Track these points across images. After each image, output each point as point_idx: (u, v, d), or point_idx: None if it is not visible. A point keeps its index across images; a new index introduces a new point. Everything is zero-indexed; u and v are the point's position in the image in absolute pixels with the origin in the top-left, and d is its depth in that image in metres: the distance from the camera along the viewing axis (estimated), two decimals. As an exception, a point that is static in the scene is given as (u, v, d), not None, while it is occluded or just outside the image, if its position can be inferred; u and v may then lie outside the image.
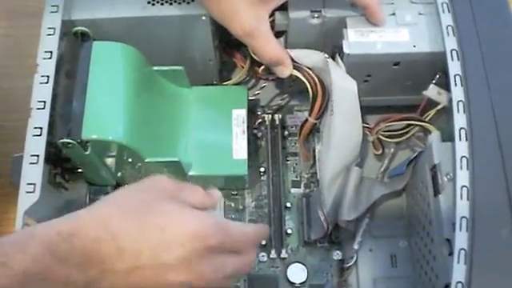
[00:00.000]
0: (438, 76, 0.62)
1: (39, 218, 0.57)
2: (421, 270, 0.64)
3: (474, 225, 0.52)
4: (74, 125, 0.57)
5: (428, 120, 0.64)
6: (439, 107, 0.63)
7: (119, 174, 0.68)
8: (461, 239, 0.52)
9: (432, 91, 0.63)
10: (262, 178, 0.73)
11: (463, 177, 0.53)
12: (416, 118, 0.65)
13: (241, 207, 0.72)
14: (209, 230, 0.46)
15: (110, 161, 0.64)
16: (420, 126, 0.65)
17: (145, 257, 0.44)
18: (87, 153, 0.59)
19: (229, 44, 0.71)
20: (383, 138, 0.68)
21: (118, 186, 0.70)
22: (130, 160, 0.63)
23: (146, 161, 0.61)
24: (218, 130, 0.68)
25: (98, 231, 0.44)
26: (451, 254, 0.55)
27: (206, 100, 0.69)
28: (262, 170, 0.73)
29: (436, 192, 0.59)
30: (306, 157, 0.71)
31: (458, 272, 0.50)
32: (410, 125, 0.66)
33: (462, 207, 0.52)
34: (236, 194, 0.72)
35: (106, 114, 0.59)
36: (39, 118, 0.57)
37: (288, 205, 0.71)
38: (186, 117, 0.68)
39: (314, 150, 0.71)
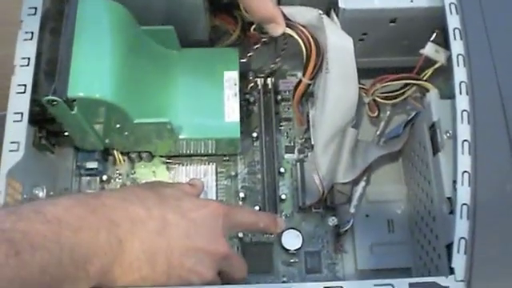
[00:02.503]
0: (435, 34, 0.61)
1: (24, 180, 0.54)
2: (419, 234, 0.63)
3: (476, 179, 0.50)
4: (60, 82, 0.55)
5: (425, 79, 0.62)
6: (437, 66, 0.61)
7: (107, 140, 0.65)
8: (463, 194, 0.50)
9: (430, 49, 0.61)
10: (255, 143, 0.71)
11: (464, 131, 0.52)
12: (413, 77, 0.63)
13: (233, 173, 0.70)
14: (215, 202, 0.53)
15: (99, 121, 0.62)
16: (417, 85, 0.63)
17: (172, 218, 0.48)
18: (73, 112, 0.56)
19: (219, 8, 0.69)
20: (379, 100, 0.66)
21: (105, 151, 0.68)
22: (118, 126, 0.61)
23: (135, 122, 0.59)
24: (209, 93, 0.65)
25: (124, 193, 0.48)
26: (452, 212, 0.53)
27: (196, 62, 0.67)
28: (255, 135, 0.71)
29: (435, 150, 0.57)
30: (299, 121, 0.69)
31: (461, 228, 0.49)
32: (406, 85, 0.64)
33: (464, 162, 0.51)
34: (228, 160, 0.70)
35: (92, 72, 0.56)
36: (23, 75, 0.55)
37: (282, 170, 0.69)
38: (176, 79, 0.65)
39: (307, 115, 0.69)
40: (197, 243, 0.48)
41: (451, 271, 0.48)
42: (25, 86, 0.54)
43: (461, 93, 0.53)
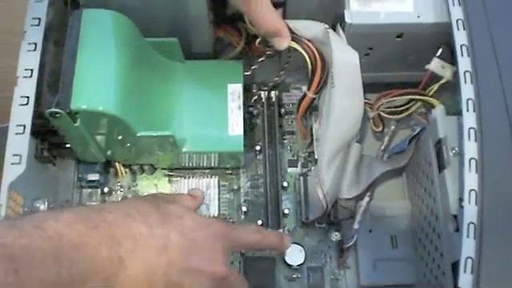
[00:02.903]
0: (441, 49, 0.60)
1: (25, 192, 0.54)
2: (423, 251, 0.62)
3: (483, 198, 0.49)
4: (63, 94, 0.54)
5: (431, 95, 0.62)
6: (443, 81, 0.61)
7: (109, 152, 0.65)
8: (469, 213, 0.49)
9: (435, 65, 0.61)
10: (258, 157, 0.70)
11: (471, 149, 0.51)
12: (418, 93, 0.62)
13: (236, 187, 0.69)
14: (217, 222, 0.51)
15: (99, 138, 0.61)
16: (423, 100, 0.62)
17: (174, 236, 0.47)
18: (76, 124, 0.56)
19: (224, 20, 0.69)
20: (384, 115, 0.66)
21: (107, 163, 0.67)
22: (120, 137, 0.60)
23: (138, 135, 0.58)
24: (212, 106, 0.65)
25: (127, 208, 0.47)
26: (458, 230, 0.53)
27: (200, 74, 0.66)
28: (258, 148, 0.70)
29: (441, 167, 0.57)
30: (303, 135, 0.69)
31: (468, 247, 0.48)
32: (411, 100, 0.64)
33: (471, 180, 0.50)
34: (231, 174, 0.70)
35: (96, 84, 0.55)
36: (26, 87, 0.54)
37: (285, 184, 0.69)
38: (180, 91, 0.65)
39: (311, 129, 0.69)
40: (196, 264, 0.47)
41: (457, 290, 0.48)
42: (27, 97, 0.54)
43: (468, 110, 0.53)
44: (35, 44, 0.56)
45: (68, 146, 0.62)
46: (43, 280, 0.39)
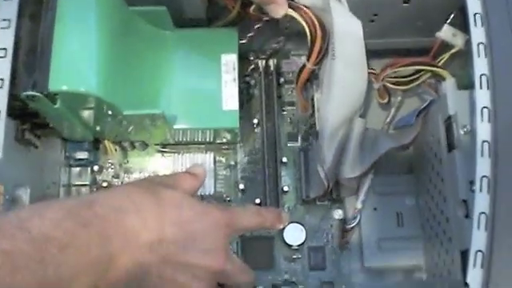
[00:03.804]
0: (453, 15, 0.56)
1: (5, 181, 0.50)
2: (431, 231, 0.59)
3: (496, 186, 0.46)
4: (40, 75, 0.50)
5: (441, 65, 0.57)
6: (454, 50, 0.57)
7: (98, 128, 0.61)
8: (481, 202, 0.46)
9: (446, 32, 0.56)
10: (256, 130, 0.67)
11: (484, 130, 0.47)
12: (427, 63, 0.58)
13: (232, 163, 0.66)
14: (217, 210, 0.47)
15: (86, 114, 0.57)
16: (432, 71, 0.58)
17: (170, 230, 0.44)
18: (56, 106, 0.52)
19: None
20: (390, 85, 0.62)
21: (96, 140, 0.64)
22: (106, 116, 0.56)
23: (125, 114, 0.55)
24: (205, 78, 0.60)
25: (121, 201, 0.43)
26: (468, 216, 0.49)
27: (191, 44, 0.61)
28: (256, 121, 0.66)
29: (450, 147, 0.53)
30: (303, 106, 0.65)
31: (478, 239, 0.45)
32: (420, 70, 0.59)
33: (483, 165, 0.46)
34: (227, 149, 0.66)
35: (76, 62, 0.51)
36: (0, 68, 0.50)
37: (284, 160, 0.65)
38: (169, 63, 0.60)
39: (312, 99, 0.64)
40: (193, 258, 0.45)
41: (465, 285, 0.44)
42: (2, 80, 0.50)
43: (481, 87, 0.48)
44: (9, 20, 0.51)
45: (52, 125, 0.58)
46: (25, 284, 0.36)
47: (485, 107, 0.47)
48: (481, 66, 0.49)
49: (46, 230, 0.38)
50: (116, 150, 0.65)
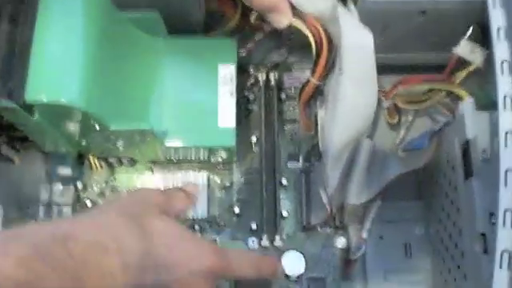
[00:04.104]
0: (471, 29, 0.51)
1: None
2: (442, 265, 0.54)
3: (521, 220, 0.41)
4: (17, 83, 0.46)
5: (457, 83, 0.53)
6: (471, 68, 0.52)
7: (83, 143, 0.56)
8: (504, 238, 0.41)
9: (464, 48, 0.52)
10: (254, 149, 0.62)
11: (508, 158, 0.42)
12: (442, 81, 0.53)
13: (228, 184, 0.61)
14: (210, 252, 0.42)
15: (70, 127, 0.52)
16: (447, 90, 0.53)
17: (149, 276, 0.39)
18: (34, 119, 0.47)
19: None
20: (400, 105, 0.57)
21: (80, 155, 0.59)
22: (92, 132, 0.52)
23: (112, 130, 0.50)
24: (200, 91, 0.56)
25: (101, 235, 0.38)
26: (486, 251, 0.44)
27: (186, 53, 0.56)
28: (254, 139, 0.61)
29: (467, 174, 0.48)
30: (306, 125, 0.60)
31: (500, 281, 0.40)
32: (434, 89, 0.54)
33: (507, 197, 0.41)
34: (222, 168, 0.61)
35: (58, 70, 0.47)
36: (-28, 75, 0.45)
37: (284, 182, 0.60)
38: (161, 73, 0.55)
39: (316, 117, 0.60)
40: None
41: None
42: (-26, 88, 0.45)
43: (505, 108, 0.43)
44: (-16, 22, 0.46)
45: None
46: None
47: (509, 132, 0.43)
48: (505, 85, 0.44)
49: (8, 272, 0.33)
50: (102, 166, 0.60)
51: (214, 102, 0.55)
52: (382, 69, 0.53)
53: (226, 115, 0.55)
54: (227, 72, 0.56)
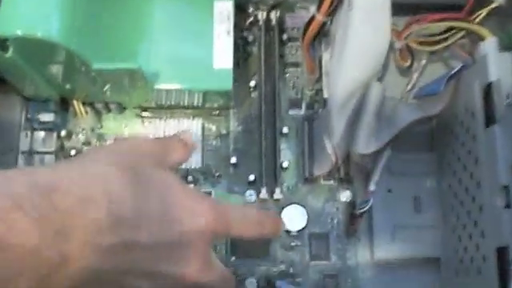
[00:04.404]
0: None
1: None
2: (456, 221, 0.50)
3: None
4: (-14, 15, 0.41)
5: (477, 22, 0.48)
6: (493, 5, 0.48)
7: (67, 86, 0.51)
8: (531, 190, 0.36)
9: (485, -17, 0.46)
10: (252, 94, 0.57)
11: (537, 101, 0.38)
12: (461, 19, 0.49)
13: (224, 132, 0.56)
14: (209, 211, 0.37)
15: (51, 67, 0.48)
16: (466, 29, 0.49)
17: (142, 233, 0.34)
18: (8, 55, 0.42)
19: None
20: (414, 46, 0.52)
21: (63, 101, 0.54)
22: (72, 70, 0.47)
23: (94, 68, 0.45)
24: (193, 29, 0.51)
25: (92, 189, 0.33)
26: (509, 206, 0.40)
27: (178, -12, 0.51)
28: (253, 84, 0.56)
29: (489, 120, 0.44)
30: (310, 67, 0.55)
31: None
32: (451, 28, 0.50)
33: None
34: (218, 115, 0.56)
35: (34, 1, 0.42)
36: None
37: (285, 130, 0.55)
38: (152, 10, 0.51)
39: (320, 61, 0.55)
40: (163, 267, 0.35)
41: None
42: None
43: (533, 47, 0.39)
44: None
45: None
46: None
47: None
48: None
49: None
50: (87, 112, 0.55)
51: (209, 42, 0.50)
52: (395, 9, 0.48)
53: (222, 56, 0.50)
54: (224, 9, 0.51)
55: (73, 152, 0.55)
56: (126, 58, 0.48)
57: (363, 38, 0.46)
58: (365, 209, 0.51)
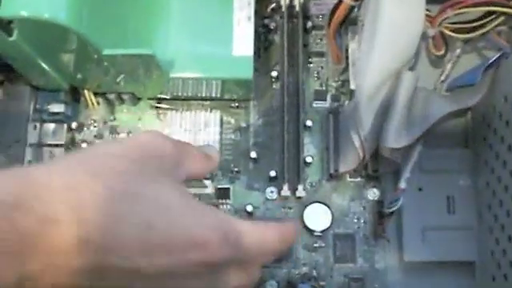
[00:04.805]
0: None
1: None
2: (493, 222, 0.46)
3: None
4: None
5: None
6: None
7: (79, 75, 0.48)
8: None
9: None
10: (274, 85, 0.54)
11: None
12: (501, 3, 0.45)
13: (243, 125, 0.53)
14: (213, 240, 0.32)
15: (53, 57, 0.45)
16: (506, 14, 0.45)
17: (112, 257, 0.29)
18: (12, 38, 0.39)
19: None
20: (448, 33, 0.48)
21: (74, 91, 0.52)
22: (82, 56, 0.44)
23: (105, 54, 0.42)
24: (212, 15, 0.48)
25: (57, 205, 0.28)
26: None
27: (196, -29, 0.48)
28: (275, 74, 0.53)
29: (533, 113, 0.39)
30: (336, 57, 0.52)
31: None
32: (490, 13, 0.46)
33: None
34: (237, 107, 0.53)
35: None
36: None
37: (308, 123, 0.52)
38: (168, -5, 0.48)
39: (347, 50, 0.51)
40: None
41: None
42: None
43: None
44: None
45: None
46: None
47: None
48: None
49: None
50: (98, 103, 0.52)
51: (228, 28, 0.47)
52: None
53: (243, 42, 0.47)
54: (245, -6, 0.48)
55: (84, 145, 0.52)
56: (140, 45, 0.45)
57: (395, 21, 0.43)
58: (394, 208, 0.48)
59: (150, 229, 0.30)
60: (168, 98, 0.52)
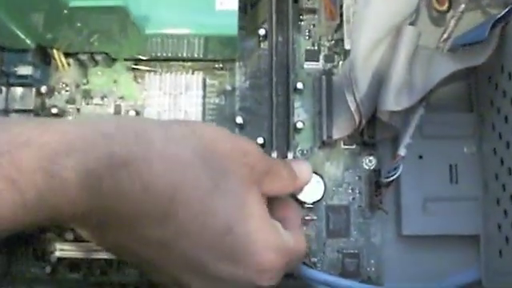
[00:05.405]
0: None
1: None
2: (500, 193, 0.42)
3: None
4: None
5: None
6: None
7: (49, 36, 0.44)
8: None
9: None
10: (262, 45, 0.50)
11: None
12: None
13: (228, 88, 0.49)
14: (277, 267, 0.36)
15: (15, 11, 0.40)
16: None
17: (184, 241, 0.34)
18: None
19: None
20: (453, -15, 0.44)
21: (43, 52, 0.47)
22: (47, 10, 0.40)
23: (71, 5, 0.38)
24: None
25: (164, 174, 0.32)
26: None
27: None
28: (262, 32, 0.49)
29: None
30: (329, 13, 0.48)
31: None
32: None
33: None
34: (221, 68, 0.49)
35: None
36: None
37: (299, 86, 0.48)
38: None
39: (341, 6, 0.47)
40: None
41: None
42: None
43: None
44: None
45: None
46: None
47: None
48: None
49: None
50: (69, 64, 0.48)
51: (210, -21, 0.43)
52: None
53: (227, -5, 0.43)
54: None
55: (54, 110, 0.48)
56: (111, -3, 0.40)
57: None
58: (392, 177, 0.44)
59: (227, 234, 0.33)
60: (146, 58, 0.48)
